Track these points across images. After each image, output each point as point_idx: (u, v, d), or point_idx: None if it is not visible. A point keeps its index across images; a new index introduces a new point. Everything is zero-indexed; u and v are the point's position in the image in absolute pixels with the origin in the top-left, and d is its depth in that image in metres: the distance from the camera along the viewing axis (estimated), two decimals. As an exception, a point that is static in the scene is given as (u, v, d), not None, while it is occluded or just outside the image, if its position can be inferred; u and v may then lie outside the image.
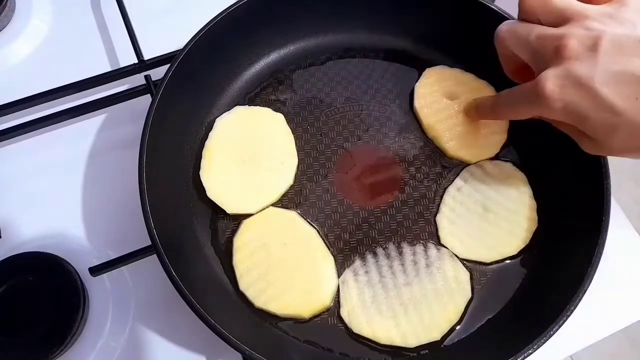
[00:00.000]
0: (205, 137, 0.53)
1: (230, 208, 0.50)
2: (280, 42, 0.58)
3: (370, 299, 0.47)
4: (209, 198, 0.50)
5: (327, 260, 0.48)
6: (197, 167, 0.51)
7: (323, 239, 0.50)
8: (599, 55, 0.35)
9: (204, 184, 0.50)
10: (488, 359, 0.44)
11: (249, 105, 0.55)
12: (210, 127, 0.53)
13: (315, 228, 0.50)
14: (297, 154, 0.53)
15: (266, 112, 0.55)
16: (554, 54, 0.37)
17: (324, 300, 0.47)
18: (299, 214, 0.51)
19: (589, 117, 0.37)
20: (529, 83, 0.40)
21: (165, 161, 0.49)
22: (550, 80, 0.37)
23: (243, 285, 0.47)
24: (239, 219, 0.50)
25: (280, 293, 0.46)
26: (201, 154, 0.52)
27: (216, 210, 0.50)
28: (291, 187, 0.52)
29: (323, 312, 0.47)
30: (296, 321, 0.47)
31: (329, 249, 0.49)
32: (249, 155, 0.52)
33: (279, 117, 0.54)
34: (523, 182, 0.52)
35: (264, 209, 0.50)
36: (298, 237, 0.49)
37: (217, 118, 0.54)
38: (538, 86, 0.38)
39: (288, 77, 0.58)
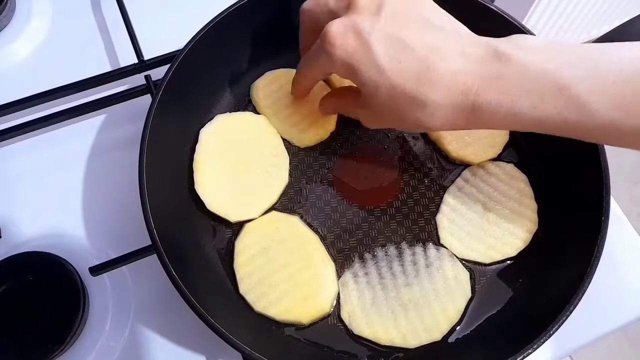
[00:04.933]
0: (205, 137, 0.53)
1: (233, 217, 0.49)
2: (281, 42, 0.58)
3: (371, 301, 0.47)
4: (209, 198, 0.50)
5: (327, 267, 0.48)
6: (197, 167, 0.51)
7: (324, 244, 0.49)
8: (382, 16, 0.40)
9: (202, 198, 0.49)
10: (488, 358, 0.44)
11: (233, 112, 0.55)
12: (210, 127, 0.53)
13: (316, 232, 0.50)
14: (298, 153, 0.53)
15: (248, 116, 0.54)
16: (346, 7, 0.42)
17: (324, 307, 0.46)
18: (300, 218, 0.51)
19: (360, 69, 0.41)
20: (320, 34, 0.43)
21: (165, 161, 0.48)
22: (335, 25, 0.41)
23: (243, 289, 0.47)
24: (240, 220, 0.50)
25: (280, 298, 0.46)
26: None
27: (216, 210, 0.50)
28: (291, 187, 0.52)
29: (322, 318, 0.47)
30: (297, 328, 0.47)
31: (329, 254, 0.49)
32: (239, 161, 0.51)
33: (262, 119, 0.54)
34: (525, 183, 0.52)
35: (265, 211, 0.50)
36: (299, 242, 0.49)
37: (200, 130, 0.52)
38: (325, 31, 0.42)
39: (288, 77, 0.58)
